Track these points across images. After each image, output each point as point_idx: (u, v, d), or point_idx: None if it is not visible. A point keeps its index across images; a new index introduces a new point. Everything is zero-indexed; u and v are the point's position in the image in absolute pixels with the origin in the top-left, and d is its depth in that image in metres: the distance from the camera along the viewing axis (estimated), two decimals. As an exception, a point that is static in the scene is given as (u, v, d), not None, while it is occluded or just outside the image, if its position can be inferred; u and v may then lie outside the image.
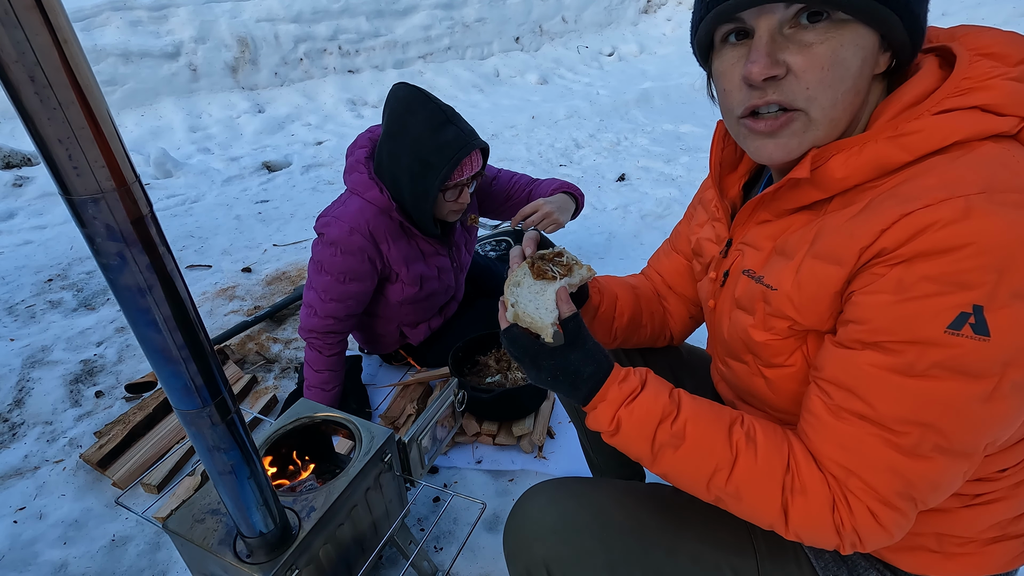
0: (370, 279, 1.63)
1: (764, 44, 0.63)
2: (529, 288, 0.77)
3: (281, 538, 0.94)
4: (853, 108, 0.65)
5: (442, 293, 1.83)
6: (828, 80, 0.62)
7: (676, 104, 4.97)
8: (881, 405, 0.61)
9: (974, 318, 0.55)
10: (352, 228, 1.54)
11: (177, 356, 0.68)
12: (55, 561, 1.45)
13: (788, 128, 0.66)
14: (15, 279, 2.76)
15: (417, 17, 6.11)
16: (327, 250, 1.56)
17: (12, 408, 1.96)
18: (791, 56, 0.62)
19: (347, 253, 1.55)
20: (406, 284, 1.70)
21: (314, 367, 1.68)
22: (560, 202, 1.80)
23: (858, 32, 0.61)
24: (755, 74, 0.63)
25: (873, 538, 0.64)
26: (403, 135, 1.47)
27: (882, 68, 0.65)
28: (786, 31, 0.63)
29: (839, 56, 0.61)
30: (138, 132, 4.46)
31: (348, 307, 1.63)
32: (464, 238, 1.85)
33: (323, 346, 1.65)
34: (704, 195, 0.98)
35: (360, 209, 1.56)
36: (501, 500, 1.57)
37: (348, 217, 1.55)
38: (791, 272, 0.69)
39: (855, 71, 0.62)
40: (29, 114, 0.49)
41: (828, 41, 0.61)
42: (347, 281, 1.58)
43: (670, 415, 0.71)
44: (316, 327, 1.63)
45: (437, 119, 1.46)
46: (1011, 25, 4.74)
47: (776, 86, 0.64)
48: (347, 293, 1.60)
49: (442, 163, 1.46)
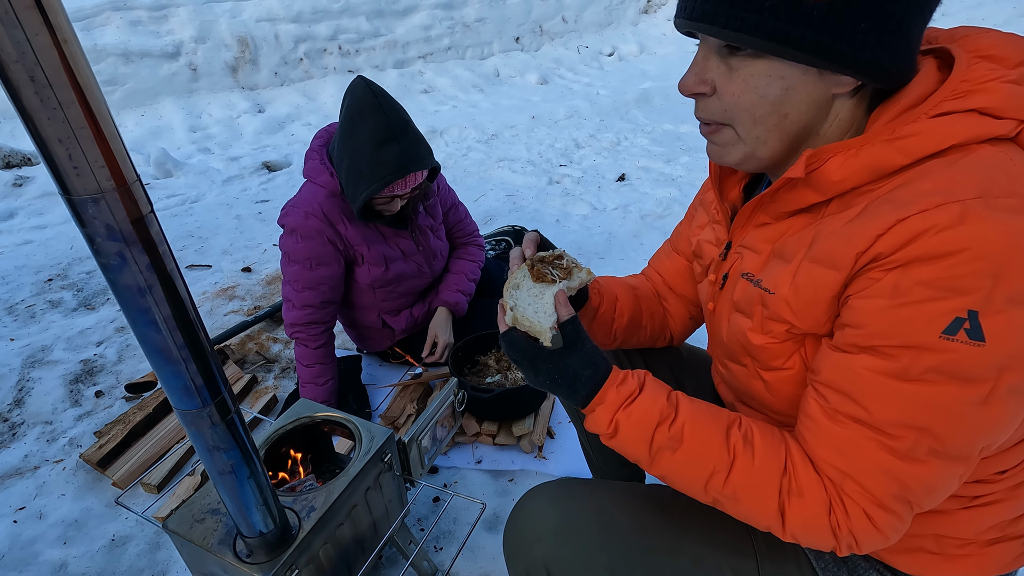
0: (336, 261, 1.66)
1: (697, 63, 0.69)
2: (528, 291, 0.77)
3: (281, 538, 0.94)
4: (782, 128, 0.68)
5: (414, 276, 1.84)
6: (742, 104, 0.67)
7: (676, 104, 4.96)
8: (876, 409, 0.61)
9: (969, 323, 0.55)
10: (307, 212, 1.59)
11: (177, 356, 0.68)
12: (55, 561, 1.45)
13: (719, 135, 0.72)
14: (15, 279, 2.76)
15: (417, 17, 6.11)
16: (289, 239, 1.62)
17: (12, 408, 1.96)
18: (717, 77, 0.68)
19: (307, 238, 1.60)
20: (371, 265, 1.72)
21: (304, 362, 1.70)
22: (443, 321, 1.88)
23: (773, 65, 0.63)
24: (682, 88, 0.70)
25: (869, 540, 0.65)
26: (349, 139, 1.50)
27: (847, 88, 0.65)
28: (722, 52, 0.66)
29: (752, 84, 0.65)
30: (138, 132, 4.46)
31: (322, 293, 1.66)
32: (429, 222, 1.86)
33: (308, 339, 1.68)
34: (705, 196, 0.98)
35: (312, 194, 1.61)
36: (501, 500, 1.57)
37: (302, 203, 1.60)
38: (788, 276, 0.70)
39: (773, 98, 0.65)
40: (29, 114, 0.50)
41: (745, 69, 0.65)
42: (314, 266, 1.62)
43: (668, 418, 0.71)
44: (296, 319, 1.67)
45: (381, 134, 1.46)
46: (1011, 26, 4.75)
47: (703, 103, 0.70)
48: (317, 278, 1.64)
49: (373, 179, 1.48)
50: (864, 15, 0.59)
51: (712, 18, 0.63)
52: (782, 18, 0.60)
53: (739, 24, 0.61)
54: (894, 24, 0.60)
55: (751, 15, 0.60)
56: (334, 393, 1.76)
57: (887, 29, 0.60)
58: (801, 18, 0.59)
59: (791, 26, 0.60)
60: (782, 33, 0.60)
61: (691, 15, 0.65)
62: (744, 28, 0.61)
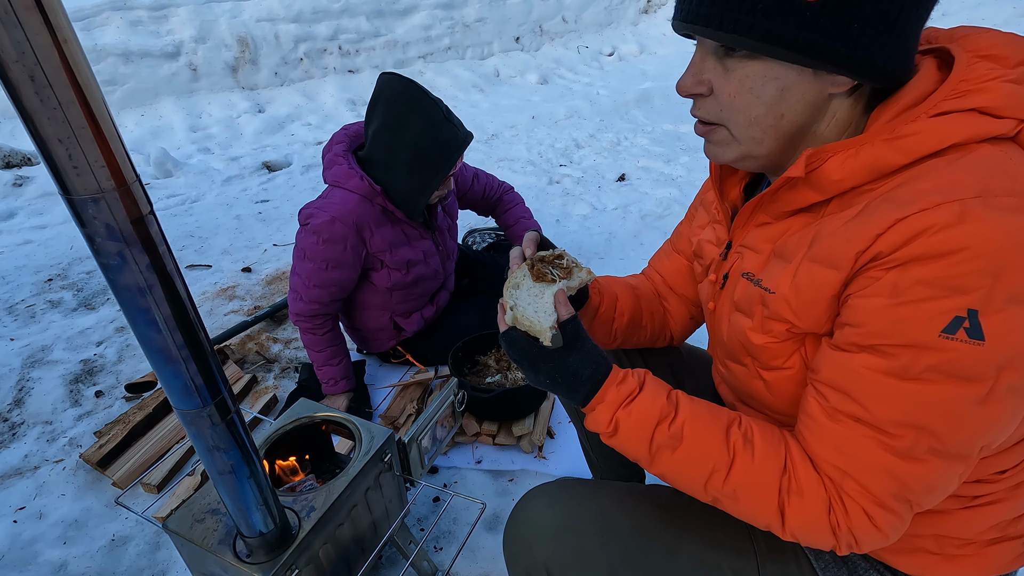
0: (352, 268, 1.67)
1: (694, 64, 0.70)
2: (528, 291, 0.77)
3: (281, 538, 0.94)
4: (778, 128, 0.68)
5: (431, 278, 1.85)
6: (738, 105, 0.67)
7: (676, 104, 4.96)
8: (876, 408, 0.61)
9: (969, 322, 0.55)
10: (334, 217, 1.57)
11: (177, 356, 0.68)
12: (55, 561, 1.45)
13: (714, 135, 0.73)
14: (15, 279, 2.76)
15: (417, 17, 6.11)
16: (309, 238, 1.60)
17: (12, 408, 1.96)
18: (714, 77, 0.68)
19: (329, 242, 1.59)
20: (392, 269, 1.73)
21: (314, 348, 1.74)
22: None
23: (768, 65, 0.64)
24: (679, 88, 0.71)
25: (868, 539, 0.65)
26: (403, 131, 1.51)
27: (843, 87, 0.65)
28: (719, 53, 0.67)
29: (747, 85, 0.66)
30: (138, 132, 4.46)
31: (331, 293, 1.68)
32: (447, 223, 1.89)
33: (314, 327, 1.72)
34: (705, 196, 0.98)
35: (343, 199, 1.60)
36: (501, 500, 1.57)
37: (330, 207, 1.59)
38: (789, 275, 0.70)
39: (768, 99, 0.66)
40: (29, 114, 0.50)
41: (741, 70, 0.66)
42: (329, 268, 1.63)
43: (668, 417, 0.72)
44: (302, 311, 1.69)
45: (436, 117, 1.51)
46: (1011, 26, 4.74)
47: (700, 103, 0.71)
48: (330, 280, 1.64)
49: (443, 161, 1.55)
50: (857, 15, 0.59)
51: (707, 20, 0.63)
52: (775, 19, 0.60)
53: (733, 26, 0.62)
54: (888, 24, 0.60)
55: (744, 16, 0.61)
56: (350, 369, 1.80)
57: (881, 29, 0.60)
58: (793, 19, 0.60)
59: (784, 27, 0.60)
60: (775, 34, 0.61)
61: (687, 17, 0.65)
62: (738, 29, 0.62)
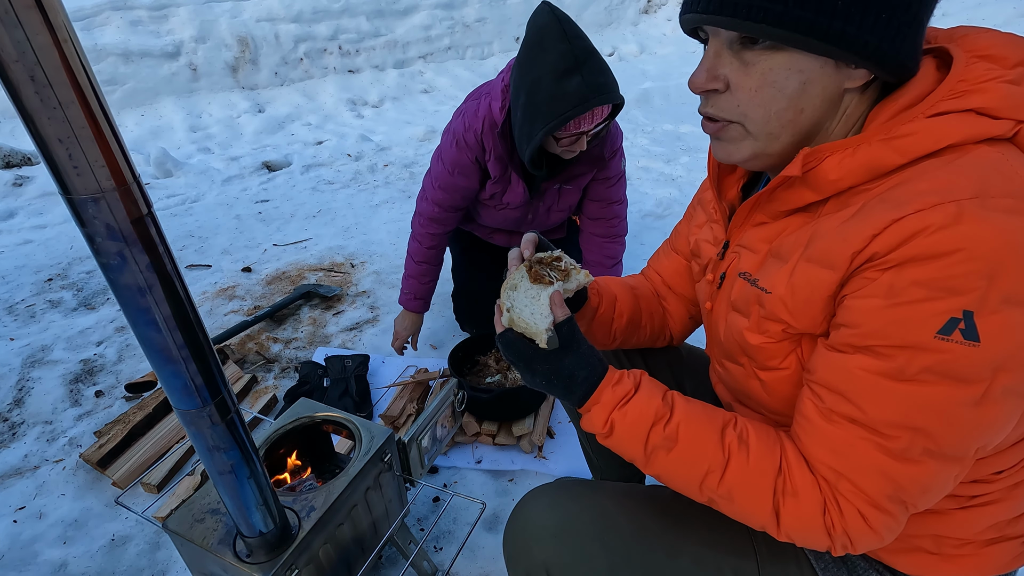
0: (475, 176, 1.72)
1: (708, 59, 0.67)
2: (525, 293, 0.77)
3: (281, 538, 0.94)
4: (796, 124, 0.67)
5: (502, 228, 1.96)
6: (758, 99, 0.65)
7: (676, 104, 4.96)
8: (871, 409, 0.61)
9: (964, 324, 0.55)
10: (468, 126, 1.64)
11: (177, 356, 0.68)
12: (55, 561, 1.46)
13: (725, 133, 0.71)
14: (15, 279, 2.76)
15: (417, 17, 6.11)
16: (447, 138, 1.71)
17: (12, 408, 1.96)
18: (731, 72, 0.66)
19: (459, 147, 1.66)
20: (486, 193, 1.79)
21: (414, 257, 1.88)
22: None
23: (793, 57, 0.62)
24: (692, 85, 0.69)
25: (863, 540, 0.65)
26: (528, 71, 1.39)
27: (859, 82, 0.65)
28: (735, 47, 0.65)
29: (770, 78, 0.64)
30: (138, 132, 4.47)
31: (453, 199, 1.76)
32: (554, 199, 1.81)
33: (424, 236, 1.84)
34: (703, 196, 0.98)
35: (483, 114, 1.61)
36: (501, 500, 1.57)
37: (470, 115, 1.64)
38: (785, 276, 0.70)
39: (791, 92, 0.64)
40: (29, 114, 0.50)
41: (762, 63, 0.64)
42: (455, 174, 1.70)
43: (663, 418, 0.72)
44: (424, 211, 1.81)
45: (564, 64, 1.34)
46: (1011, 26, 4.75)
47: (714, 99, 0.69)
48: (454, 185, 1.73)
49: (551, 115, 1.37)
50: (885, 5, 0.58)
51: (733, 10, 0.61)
52: (807, 8, 0.59)
53: (762, 15, 0.60)
54: (911, 15, 0.60)
55: (775, 5, 0.59)
56: (431, 296, 1.94)
57: (905, 20, 0.60)
58: (826, 8, 0.58)
59: (817, 16, 0.59)
60: (807, 23, 0.59)
61: (707, 8, 0.63)
62: (767, 19, 0.60)
